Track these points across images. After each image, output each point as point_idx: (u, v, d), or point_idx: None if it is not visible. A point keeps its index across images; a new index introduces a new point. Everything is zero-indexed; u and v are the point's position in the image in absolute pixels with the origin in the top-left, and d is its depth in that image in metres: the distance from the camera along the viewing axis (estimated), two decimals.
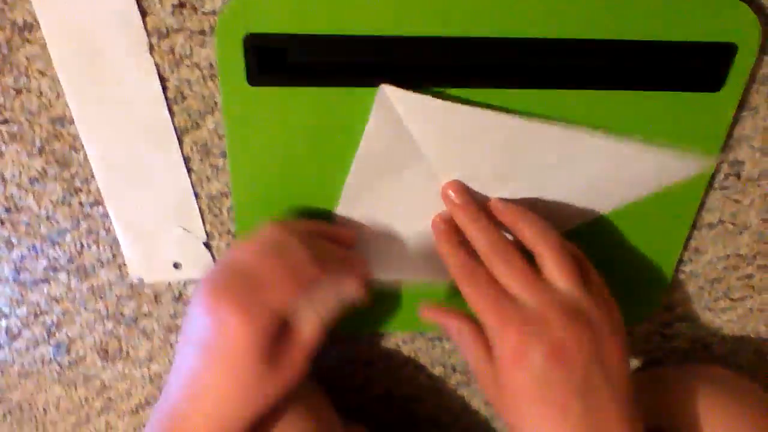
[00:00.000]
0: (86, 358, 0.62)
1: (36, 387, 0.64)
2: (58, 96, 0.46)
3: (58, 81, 0.45)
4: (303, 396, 0.49)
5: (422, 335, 0.63)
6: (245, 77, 0.43)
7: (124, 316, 0.58)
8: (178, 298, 0.58)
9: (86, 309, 0.58)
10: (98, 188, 0.50)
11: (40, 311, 0.58)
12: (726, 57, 0.45)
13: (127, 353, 0.61)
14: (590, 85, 0.45)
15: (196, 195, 0.51)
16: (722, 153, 0.52)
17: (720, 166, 0.53)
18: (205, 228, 0.53)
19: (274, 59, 0.43)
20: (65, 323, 0.59)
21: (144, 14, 0.43)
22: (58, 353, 0.61)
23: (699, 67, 0.46)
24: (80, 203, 0.51)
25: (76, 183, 0.50)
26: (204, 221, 0.53)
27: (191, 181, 0.50)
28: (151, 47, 0.44)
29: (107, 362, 0.62)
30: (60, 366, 0.62)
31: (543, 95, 0.46)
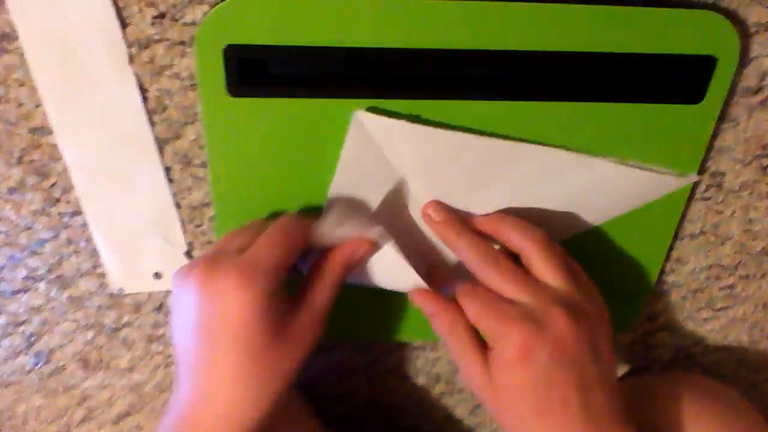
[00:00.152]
0: (67, 368, 0.61)
1: (16, 397, 0.63)
2: (37, 106, 0.46)
3: (37, 91, 0.45)
4: (285, 405, 0.48)
5: (405, 345, 0.63)
6: (225, 88, 0.43)
7: (105, 326, 0.58)
8: (159, 308, 0.57)
9: (66, 319, 0.57)
10: (78, 198, 0.50)
11: (20, 321, 0.57)
12: (706, 69, 0.45)
13: (108, 363, 0.61)
14: (571, 98, 0.46)
15: (177, 205, 0.51)
16: (700, 173, 0.52)
17: (701, 177, 0.53)
18: (186, 238, 0.53)
19: (255, 70, 0.43)
20: (45, 333, 0.58)
21: (124, 25, 0.43)
22: (38, 363, 0.60)
23: (679, 80, 0.46)
24: (59, 213, 0.51)
25: (56, 193, 0.50)
26: (185, 231, 0.52)
27: (172, 191, 0.50)
28: (131, 57, 0.44)
29: (88, 372, 0.62)
30: (40, 376, 0.62)
31: (523, 107, 0.46)
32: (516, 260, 0.45)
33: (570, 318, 0.41)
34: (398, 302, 0.53)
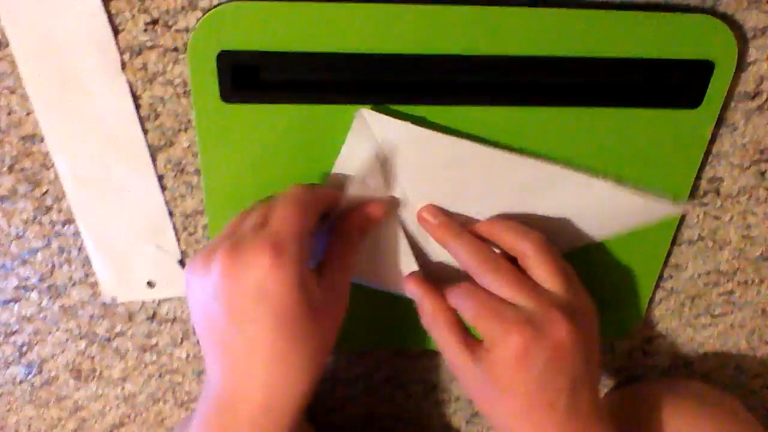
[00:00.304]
0: (59, 378, 0.60)
1: (7, 408, 0.62)
2: (28, 113, 0.45)
3: (28, 98, 0.44)
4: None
5: (402, 353, 0.62)
6: (219, 94, 0.43)
7: (98, 336, 0.57)
8: (152, 318, 0.57)
9: (58, 328, 0.56)
10: (69, 206, 0.49)
11: (11, 331, 0.56)
12: (704, 74, 0.45)
13: (101, 373, 0.60)
14: (569, 103, 0.45)
15: (170, 213, 0.50)
16: (698, 179, 0.52)
17: (699, 183, 0.53)
18: (180, 246, 0.52)
19: (248, 76, 0.43)
20: (37, 343, 0.57)
21: (116, 31, 0.42)
22: (30, 373, 0.60)
23: (677, 84, 0.46)
24: (51, 222, 0.50)
25: (47, 201, 0.49)
26: (178, 239, 0.52)
27: (165, 199, 0.50)
28: (124, 64, 0.43)
29: (80, 382, 0.61)
30: (32, 386, 0.61)
31: (520, 112, 0.45)
32: (514, 264, 0.45)
33: (568, 324, 0.41)
34: (394, 311, 0.52)
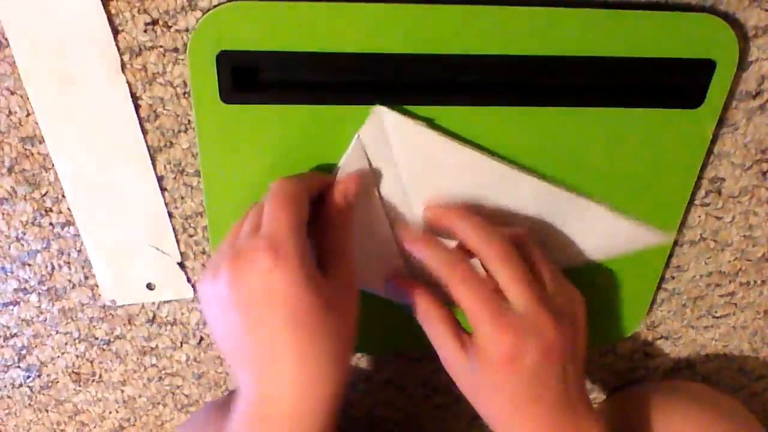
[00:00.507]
0: (58, 382, 0.60)
1: (7, 411, 0.62)
2: (28, 115, 0.45)
3: (28, 99, 0.44)
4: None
5: (402, 356, 0.62)
6: (219, 95, 0.43)
7: (97, 339, 0.57)
8: (152, 320, 0.56)
9: (58, 331, 0.56)
10: (69, 208, 0.49)
11: (10, 334, 0.56)
12: (705, 73, 0.45)
13: (100, 376, 0.60)
14: (569, 103, 0.45)
15: (170, 214, 0.50)
16: (699, 179, 0.52)
17: (701, 183, 0.53)
18: (180, 248, 0.52)
19: (248, 77, 0.42)
20: (36, 346, 0.57)
21: (116, 32, 0.42)
22: (29, 377, 0.59)
23: (679, 84, 0.46)
24: (51, 224, 0.50)
25: (47, 203, 0.49)
26: (178, 241, 0.52)
27: (165, 201, 0.49)
28: (123, 65, 0.43)
29: (80, 385, 0.61)
30: (31, 390, 0.61)
31: (521, 112, 0.45)
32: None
33: (558, 323, 0.41)
34: (394, 315, 0.52)
